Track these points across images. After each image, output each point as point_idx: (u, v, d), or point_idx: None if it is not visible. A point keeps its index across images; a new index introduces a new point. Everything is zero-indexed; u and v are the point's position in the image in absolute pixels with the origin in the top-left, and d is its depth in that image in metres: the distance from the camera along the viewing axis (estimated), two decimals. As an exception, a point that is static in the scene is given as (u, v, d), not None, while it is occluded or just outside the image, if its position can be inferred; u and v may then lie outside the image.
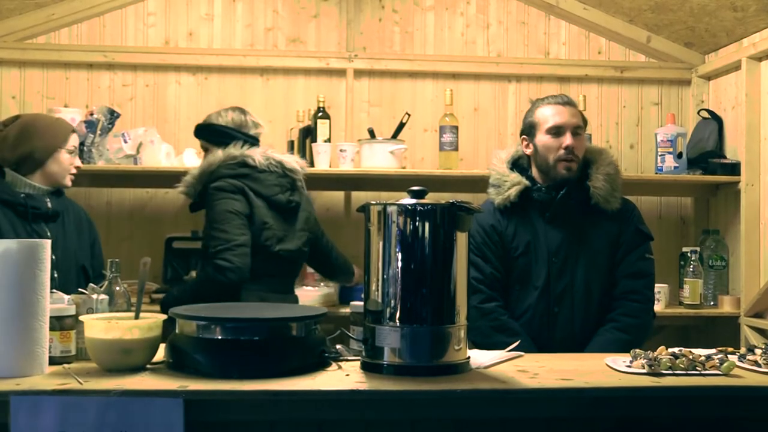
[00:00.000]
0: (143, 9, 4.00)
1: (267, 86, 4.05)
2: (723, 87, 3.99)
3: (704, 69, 4.07)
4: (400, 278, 1.88)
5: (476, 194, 3.64)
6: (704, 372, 1.90)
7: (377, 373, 1.87)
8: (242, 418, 1.71)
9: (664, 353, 1.97)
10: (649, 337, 2.62)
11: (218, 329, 1.87)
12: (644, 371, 1.90)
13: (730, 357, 1.99)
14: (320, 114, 3.76)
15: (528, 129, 2.65)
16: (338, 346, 2.00)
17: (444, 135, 3.80)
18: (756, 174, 3.64)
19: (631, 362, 1.96)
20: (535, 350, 2.39)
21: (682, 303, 3.77)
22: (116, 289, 2.13)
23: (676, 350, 1.99)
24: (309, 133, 3.80)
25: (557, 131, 2.58)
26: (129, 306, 2.13)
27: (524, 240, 2.60)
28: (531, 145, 2.64)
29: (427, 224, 1.89)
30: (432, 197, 1.95)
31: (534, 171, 2.66)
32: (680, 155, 3.86)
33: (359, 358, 1.94)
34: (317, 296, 3.57)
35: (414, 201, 1.92)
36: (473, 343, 2.22)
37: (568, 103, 2.63)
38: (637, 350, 2.00)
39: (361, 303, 1.99)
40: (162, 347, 1.93)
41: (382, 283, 1.90)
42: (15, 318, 1.80)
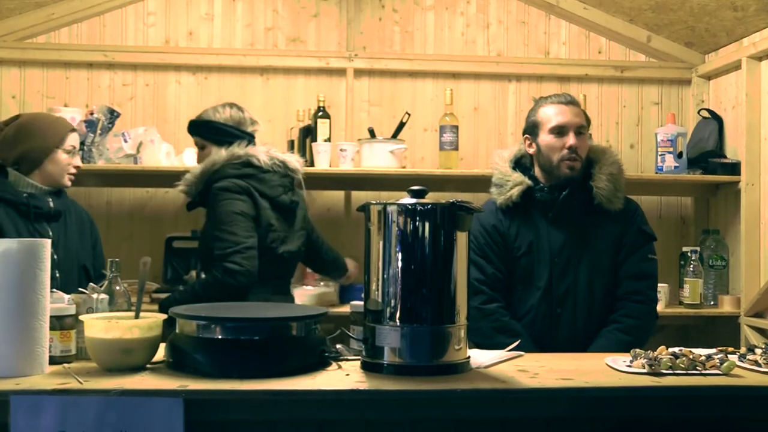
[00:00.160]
0: (143, 8, 4.00)
1: (267, 86, 4.05)
2: (723, 87, 3.99)
3: (704, 69, 4.07)
4: (401, 278, 1.88)
5: (476, 194, 3.64)
6: (704, 372, 1.90)
7: (377, 373, 1.87)
8: (242, 418, 1.71)
9: (665, 353, 1.97)
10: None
11: (218, 329, 1.87)
12: (644, 371, 1.90)
13: (731, 357, 1.99)
14: (320, 113, 3.76)
15: (531, 128, 2.64)
16: (338, 346, 2.00)
17: (444, 135, 3.80)
18: (756, 174, 3.64)
19: (632, 362, 1.96)
20: (537, 351, 2.37)
21: (682, 303, 3.77)
22: (116, 289, 2.13)
23: (677, 350, 1.99)
24: (309, 133, 3.80)
25: (560, 131, 2.57)
26: (129, 306, 2.13)
27: (526, 240, 2.58)
28: (534, 145, 2.63)
29: (427, 224, 1.89)
30: (432, 197, 1.95)
31: (537, 170, 2.65)
32: (680, 155, 3.86)
33: (359, 358, 1.94)
34: (317, 296, 3.57)
35: (414, 201, 1.91)
36: (475, 344, 2.22)
37: (571, 103, 2.61)
38: (638, 350, 2.00)
39: (361, 303, 1.99)
40: (162, 347, 1.93)
41: (383, 283, 1.89)
42: (15, 317, 1.79)
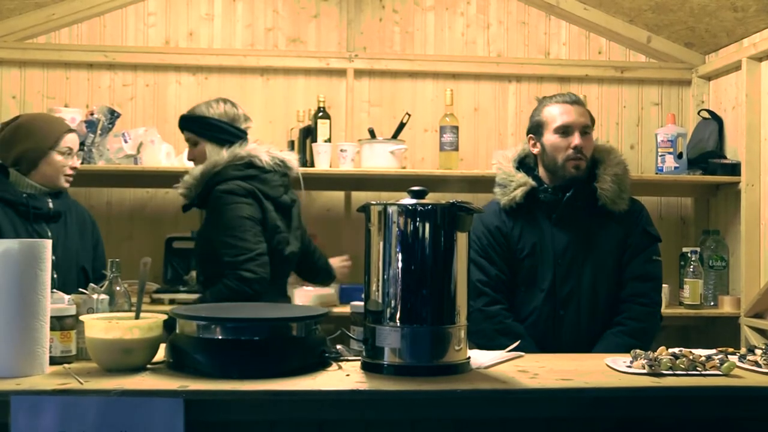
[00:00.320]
0: (143, 9, 4.00)
1: (267, 86, 4.05)
2: (723, 87, 3.99)
3: (704, 69, 4.07)
4: (401, 278, 1.88)
5: (476, 194, 3.65)
6: (704, 372, 1.90)
7: (377, 373, 1.87)
8: (242, 418, 1.71)
9: (665, 353, 1.97)
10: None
11: (218, 329, 1.87)
12: (644, 371, 1.90)
13: (731, 357, 1.99)
14: (320, 114, 3.77)
15: (535, 128, 2.62)
16: (338, 346, 2.00)
17: (444, 135, 3.80)
18: (756, 174, 3.64)
19: (632, 362, 1.96)
20: (539, 353, 2.34)
21: (683, 303, 3.78)
22: (117, 289, 2.13)
23: (677, 350, 1.99)
24: (309, 133, 3.80)
25: (565, 131, 2.54)
26: (129, 306, 2.14)
27: (530, 241, 2.57)
28: (538, 144, 2.61)
29: (428, 224, 1.89)
30: (432, 197, 1.95)
31: (541, 170, 2.62)
32: (680, 155, 3.86)
33: (359, 358, 1.94)
34: (317, 296, 3.56)
35: (414, 201, 1.91)
36: (477, 346, 2.21)
37: (576, 102, 2.59)
38: (638, 350, 2.00)
39: (362, 303, 1.99)
40: (162, 347, 1.93)
41: (383, 283, 1.89)
42: (16, 318, 1.80)
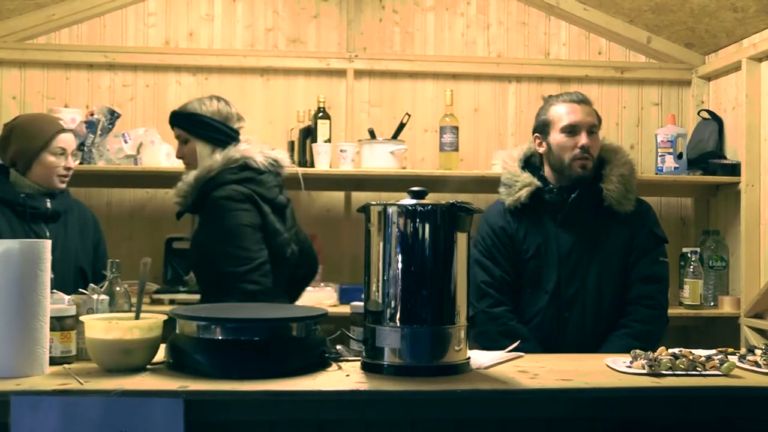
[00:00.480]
0: (143, 9, 4.00)
1: (267, 86, 4.05)
2: (723, 88, 3.99)
3: (704, 69, 4.07)
4: (401, 279, 1.88)
5: (476, 195, 3.65)
6: (704, 372, 1.90)
7: (377, 374, 1.87)
8: (242, 419, 1.71)
9: (665, 354, 1.97)
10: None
11: (218, 329, 1.87)
12: (644, 372, 1.90)
13: (731, 357, 1.99)
14: (320, 114, 3.77)
15: (541, 127, 2.60)
16: (338, 347, 2.00)
17: (444, 135, 3.80)
18: (756, 174, 3.64)
19: (631, 363, 1.96)
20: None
21: (682, 303, 3.77)
22: (117, 290, 2.13)
23: (677, 351, 1.99)
24: (309, 134, 3.80)
25: (572, 130, 2.53)
26: (129, 306, 2.14)
27: (535, 242, 2.55)
28: (544, 144, 2.59)
29: (428, 225, 1.89)
30: (432, 198, 1.95)
31: (546, 170, 2.61)
32: (680, 156, 3.86)
33: (359, 359, 1.94)
34: (317, 296, 3.57)
35: (414, 201, 1.91)
36: (481, 348, 2.20)
37: (583, 101, 2.57)
38: (638, 351, 2.00)
39: (362, 303, 1.99)
40: (162, 347, 1.93)
41: (383, 284, 1.90)
42: (15, 318, 1.80)
